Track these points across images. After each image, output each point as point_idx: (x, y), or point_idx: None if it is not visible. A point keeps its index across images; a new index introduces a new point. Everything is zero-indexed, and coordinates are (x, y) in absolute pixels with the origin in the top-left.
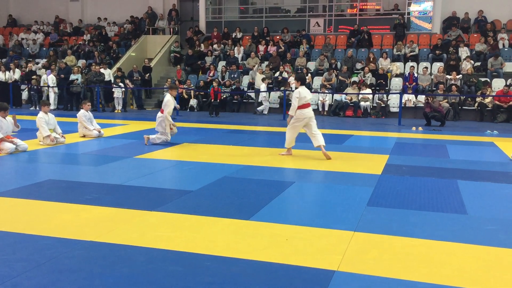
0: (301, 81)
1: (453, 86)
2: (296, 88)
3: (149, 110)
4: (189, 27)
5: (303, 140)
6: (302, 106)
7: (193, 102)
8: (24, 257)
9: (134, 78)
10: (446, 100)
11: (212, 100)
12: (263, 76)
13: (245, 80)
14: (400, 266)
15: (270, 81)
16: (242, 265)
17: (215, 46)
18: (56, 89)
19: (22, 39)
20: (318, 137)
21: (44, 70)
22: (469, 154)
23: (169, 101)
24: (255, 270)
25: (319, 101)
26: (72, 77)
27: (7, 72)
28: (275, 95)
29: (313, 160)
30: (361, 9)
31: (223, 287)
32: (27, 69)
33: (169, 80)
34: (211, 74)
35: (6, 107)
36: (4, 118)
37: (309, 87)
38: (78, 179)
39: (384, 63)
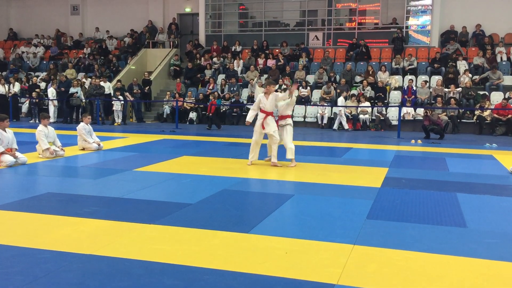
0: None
1: (452, 99)
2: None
3: (148, 123)
4: (189, 41)
5: (302, 153)
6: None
7: (192, 115)
8: (22, 270)
9: (134, 91)
10: (445, 113)
11: (207, 113)
12: (263, 89)
13: (245, 93)
14: (399, 279)
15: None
16: (242, 279)
17: (214, 59)
18: (56, 102)
19: (23, 52)
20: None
21: (45, 83)
22: (468, 167)
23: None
24: (255, 284)
25: (318, 114)
26: (72, 90)
27: (6, 86)
28: None
29: (312, 173)
30: (359, 23)
31: None
32: (30, 82)
33: (168, 93)
34: (210, 87)
35: (3, 118)
36: (4, 130)
37: (308, 100)
38: (77, 192)
39: (382, 76)
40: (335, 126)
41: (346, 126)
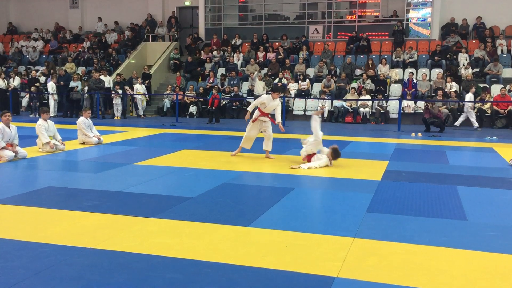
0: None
1: (452, 92)
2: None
3: (148, 117)
4: (189, 34)
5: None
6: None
7: (192, 108)
8: (23, 264)
9: (135, 88)
10: (445, 106)
11: (209, 106)
12: (263, 82)
13: (245, 86)
14: (400, 272)
15: (269, 87)
16: (242, 272)
17: (214, 53)
18: (55, 96)
19: (22, 46)
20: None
21: (44, 77)
22: (468, 160)
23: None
24: (255, 277)
25: (318, 107)
26: (72, 84)
27: (5, 80)
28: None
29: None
30: (360, 15)
31: None
32: (30, 76)
33: (168, 86)
34: (210, 81)
35: (2, 113)
36: (8, 126)
37: (308, 93)
38: (77, 186)
39: (383, 69)
40: (458, 123)
41: (476, 124)
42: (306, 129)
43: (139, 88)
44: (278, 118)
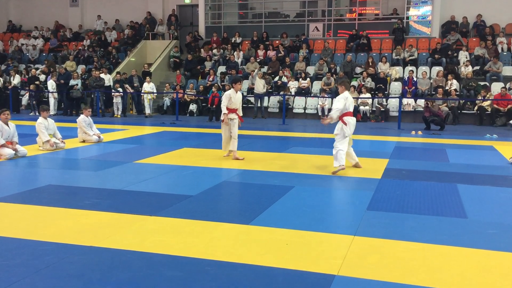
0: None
1: (453, 90)
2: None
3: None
4: (189, 32)
5: (302, 145)
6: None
7: (192, 107)
8: (23, 262)
9: (135, 84)
10: (445, 104)
11: (209, 105)
12: (263, 80)
13: (245, 84)
14: (400, 270)
15: (269, 86)
16: (243, 270)
17: (214, 51)
18: (56, 95)
19: (22, 44)
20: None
21: (44, 75)
22: (468, 158)
23: (225, 95)
24: (256, 275)
25: (318, 106)
26: (72, 82)
27: (1, 78)
28: (274, 99)
29: (312, 164)
30: (360, 13)
31: None
32: (30, 74)
33: (167, 85)
34: (210, 79)
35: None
36: (6, 124)
37: (309, 91)
38: (78, 184)
39: (383, 68)
40: None
41: None
42: (306, 128)
43: (147, 86)
44: (240, 112)
